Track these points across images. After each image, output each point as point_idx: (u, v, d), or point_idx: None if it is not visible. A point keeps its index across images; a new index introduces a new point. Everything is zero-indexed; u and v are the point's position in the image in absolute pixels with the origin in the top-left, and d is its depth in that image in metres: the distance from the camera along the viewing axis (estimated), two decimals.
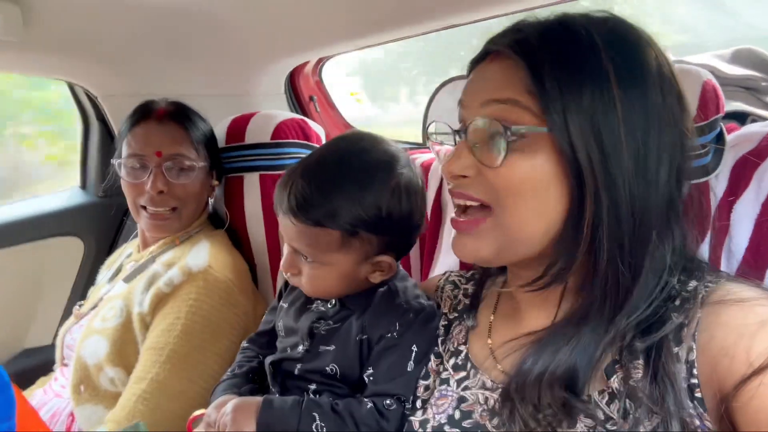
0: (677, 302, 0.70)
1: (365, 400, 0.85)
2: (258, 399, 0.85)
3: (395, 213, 0.88)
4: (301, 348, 0.92)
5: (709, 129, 0.87)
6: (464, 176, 0.73)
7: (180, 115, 1.44)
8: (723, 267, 0.88)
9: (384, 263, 0.91)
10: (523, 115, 0.70)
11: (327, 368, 0.89)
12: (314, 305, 0.96)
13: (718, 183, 0.89)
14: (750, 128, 0.93)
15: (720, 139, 0.90)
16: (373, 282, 0.93)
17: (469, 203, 0.75)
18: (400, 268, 0.99)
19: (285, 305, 1.01)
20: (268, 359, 0.97)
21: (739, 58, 1.21)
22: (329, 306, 0.94)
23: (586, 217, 0.69)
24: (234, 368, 1.03)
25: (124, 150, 1.41)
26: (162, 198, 1.38)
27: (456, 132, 0.76)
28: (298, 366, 0.91)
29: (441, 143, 0.88)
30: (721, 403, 0.63)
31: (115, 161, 1.44)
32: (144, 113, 1.43)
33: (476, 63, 0.78)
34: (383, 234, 0.89)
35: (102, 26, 1.61)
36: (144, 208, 1.40)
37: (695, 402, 0.64)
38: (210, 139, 1.50)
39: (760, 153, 0.87)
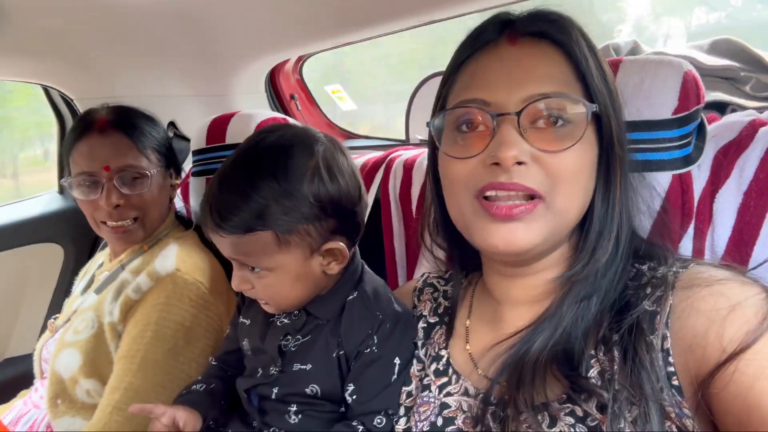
0: (648, 290, 0.71)
1: (354, 423, 0.81)
2: None
3: (324, 195, 0.81)
4: (273, 370, 0.87)
5: (691, 119, 0.87)
6: (521, 162, 0.70)
7: (123, 123, 1.37)
8: (707, 258, 0.88)
9: (335, 250, 0.84)
10: (569, 101, 0.71)
11: (307, 390, 0.84)
12: (277, 318, 0.90)
13: (700, 173, 0.89)
14: (730, 118, 0.93)
15: (701, 129, 0.90)
16: (330, 273, 0.86)
17: (520, 193, 0.71)
18: (366, 267, 0.94)
19: (247, 321, 0.95)
20: (241, 384, 0.91)
21: (717, 48, 1.21)
22: (294, 317, 0.88)
23: (616, 193, 0.75)
24: (197, 384, 0.98)
25: (72, 168, 1.36)
26: (120, 211, 1.33)
27: (497, 116, 0.71)
28: (275, 390, 0.85)
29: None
30: (697, 390, 0.63)
31: (65, 182, 1.38)
32: (85, 126, 1.36)
33: (486, 43, 0.76)
34: (320, 220, 0.82)
35: (77, 28, 1.57)
36: (104, 222, 1.36)
37: (673, 390, 0.64)
38: (161, 140, 1.44)
39: (741, 142, 0.87)
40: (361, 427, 0.81)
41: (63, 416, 1.27)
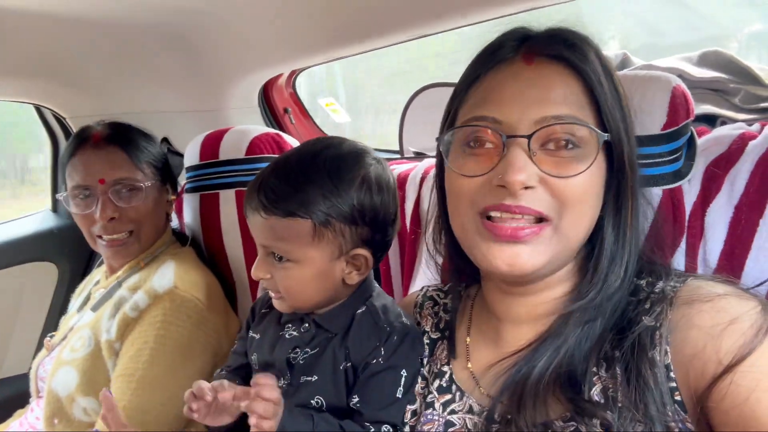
0: (647, 305, 0.71)
1: (366, 424, 0.82)
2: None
3: (366, 203, 0.86)
4: (282, 382, 0.88)
5: (680, 134, 0.87)
6: (528, 187, 0.69)
7: (118, 138, 1.39)
8: (699, 272, 0.88)
9: (360, 257, 0.88)
10: (582, 128, 0.70)
11: (312, 401, 0.85)
12: (286, 332, 0.92)
13: (691, 188, 0.89)
14: (720, 131, 0.94)
15: (691, 143, 0.91)
16: (349, 283, 0.89)
17: (526, 216, 0.70)
18: (377, 285, 0.96)
19: (256, 336, 0.97)
20: None
21: (706, 60, 1.22)
22: (303, 330, 0.90)
23: (627, 219, 0.74)
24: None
25: (68, 182, 1.37)
26: (115, 224, 1.35)
27: (507, 137, 0.70)
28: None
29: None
30: (697, 404, 0.63)
31: (60, 196, 1.40)
32: (80, 141, 1.38)
33: (502, 61, 0.75)
34: (356, 225, 0.86)
35: (68, 47, 1.57)
36: (100, 236, 1.36)
37: (676, 405, 0.64)
38: (156, 155, 1.46)
39: (731, 156, 0.87)
40: (372, 429, 0.82)
41: None
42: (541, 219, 0.70)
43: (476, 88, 0.76)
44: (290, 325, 0.92)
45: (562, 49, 0.72)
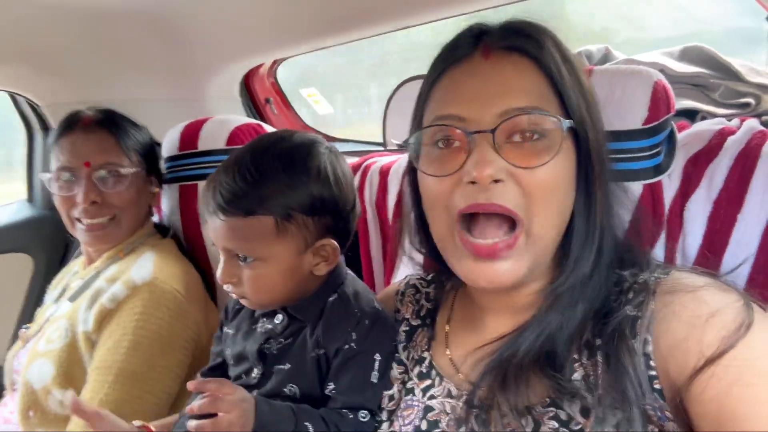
0: (630, 295, 0.71)
1: (344, 411, 0.82)
2: (252, 398, 0.81)
3: (325, 192, 0.86)
4: (255, 373, 0.88)
5: (661, 129, 0.88)
6: (497, 180, 0.69)
7: (107, 123, 1.38)
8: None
9: (327, 248, 0.88)
10: (544, 116, 0.70)
11: (285, 390, 0.85)
12: (260, 325, 0.91)
13: (671, 182, 0.90)
14: (700, 126, 0.94)
15: (671, 138, 0.91)
16: (318, 275, 0.89)
17: (497, 224, 0.71)
18: (348, 270, 0.96)
19: (231, 331, 0.96)
20: None
21: (687, 55, 1.23)
22: (277, 322, 0.90)
23: (597, 204, 0.73)
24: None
25: (53, 163, 1.36)
26: (96, 209, 1.33)
27: (471, 133, 0.71)
28: (254, 393, 0.86)
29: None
30: (676, 395, 0.64)
31: (44, 177, 1.38)
32: (70, 123, 1.37)
33: (460, 59, 0.76)
34: (318, 215, 0.86)
35: (41, 33, 1.54)
36: (79, 220, 1.34)
37: (655, 394, 0.65)
38: (144, 144, 1.45)
39: (711, 151, 0.88)
40: (351, 415, 0.82)
41: (35, 429, 1.25)
42: (512, 226, 0.71)
43: (438, 88, 0.77)
44: (264, 319, 0.92)
45: (518, 40, 0.73)
